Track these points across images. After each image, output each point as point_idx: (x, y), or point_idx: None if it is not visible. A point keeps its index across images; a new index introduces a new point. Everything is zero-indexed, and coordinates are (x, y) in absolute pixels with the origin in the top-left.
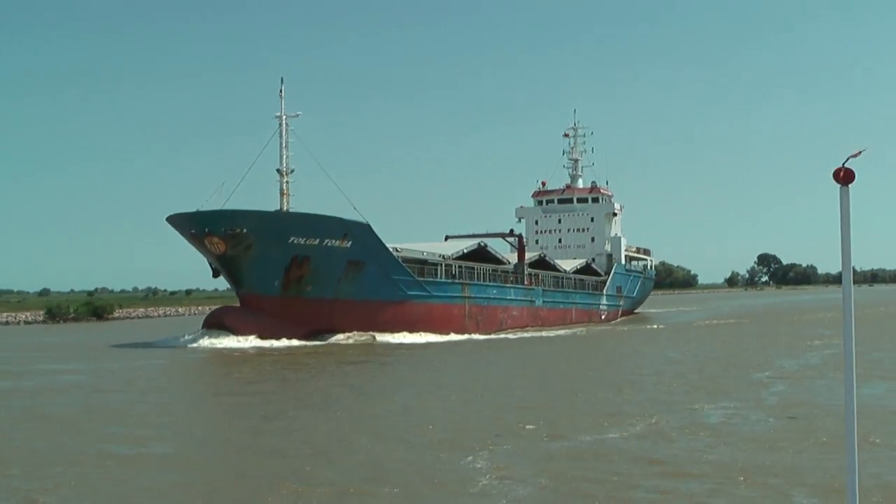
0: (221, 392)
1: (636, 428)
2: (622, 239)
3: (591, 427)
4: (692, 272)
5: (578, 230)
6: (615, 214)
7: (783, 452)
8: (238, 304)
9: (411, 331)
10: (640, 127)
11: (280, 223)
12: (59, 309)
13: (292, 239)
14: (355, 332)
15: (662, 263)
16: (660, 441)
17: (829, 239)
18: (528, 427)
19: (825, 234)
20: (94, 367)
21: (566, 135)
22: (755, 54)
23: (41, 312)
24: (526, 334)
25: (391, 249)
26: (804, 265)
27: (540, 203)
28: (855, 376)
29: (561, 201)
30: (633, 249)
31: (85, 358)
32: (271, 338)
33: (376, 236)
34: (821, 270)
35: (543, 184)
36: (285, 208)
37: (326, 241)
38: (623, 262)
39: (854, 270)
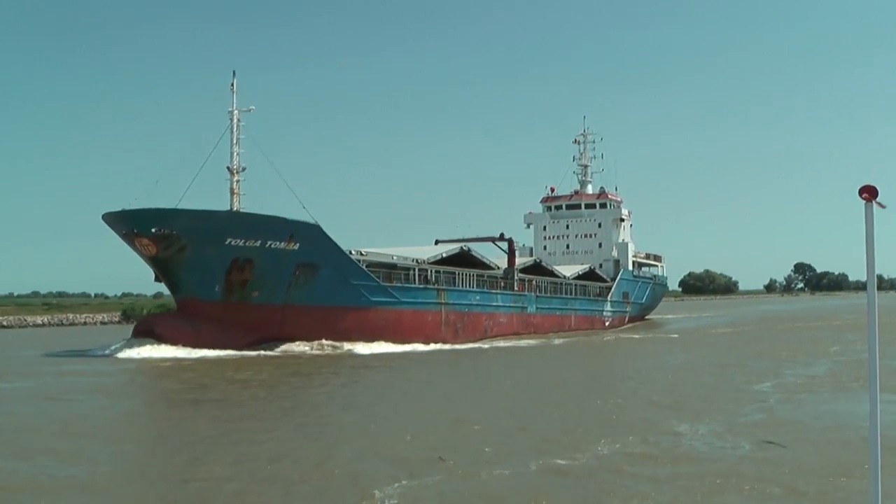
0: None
1: (582, 457)
2: (629, 245)
3: (527, 452)
4: (733, 279)
5: (586, 236)
6: (622, 220)
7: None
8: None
9: (376, 339)
10: (667, 131)
11: (215, 223)
12: None
13: (230, 240)
14: (308, 341)
15: (706, 271)
16: (602, 474)
17: (859, 249)
18: (443, 457)
19: (856, 244)
20: None
21: (576, 141)
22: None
23: None
24: (511, 342)
25: (352, 252)
26: (836, 273)
27: (549, 209)
28: (879, 397)
29: (569, 207)
30: (643, 256)
31: None
32: (211, 347)
33: (328, 238)
34: (851, 278)
35: (552, 190)
36: (235, 208)
37: (270, 242)
38: (630, 267)
39: (880, 277)
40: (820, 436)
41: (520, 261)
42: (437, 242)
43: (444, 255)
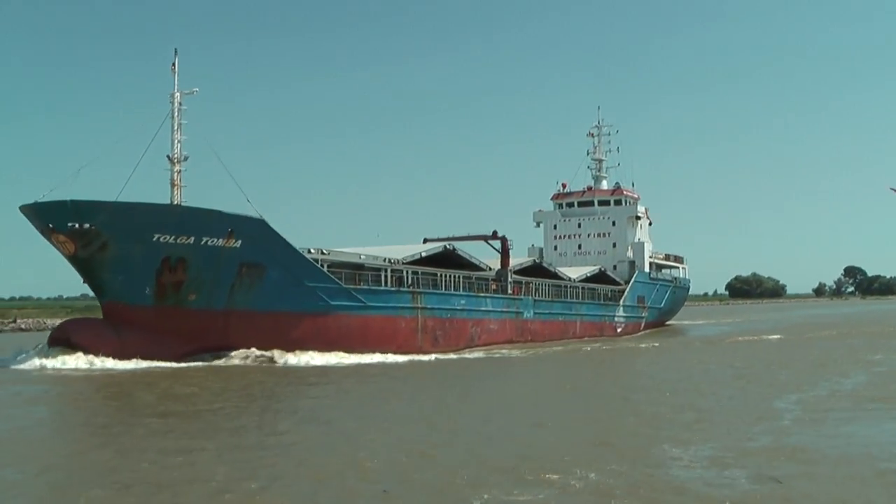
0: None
1: (539, 491)
2: (646, 244)
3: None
4: (781, 282)
5: (599, 235)
6: (638, 218)
7: None
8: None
9: (337, 348)
10: (700, 126)
11: (139, 217)
12: None
13: (157, 237)
14: (254, 351)
15: (754, 275)
16: None
17: None
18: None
19: None
20: None
21: (590, 134)
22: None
23: None
24: (501, 351)
25: (310, 251)
26: (888, 276)
27: (559, 206)
28: None
29: (581, 204)
30: (661, 256)
31: None
32: (140, 357)
33: (276, 234)
34: None
35: (564, 185)
36: (177, 201)
37: (205, 239)
38: (647, 269)
39: None
40: (830, 469)
41: (516, 261)
42: (425, 241)
43: (424, 254)
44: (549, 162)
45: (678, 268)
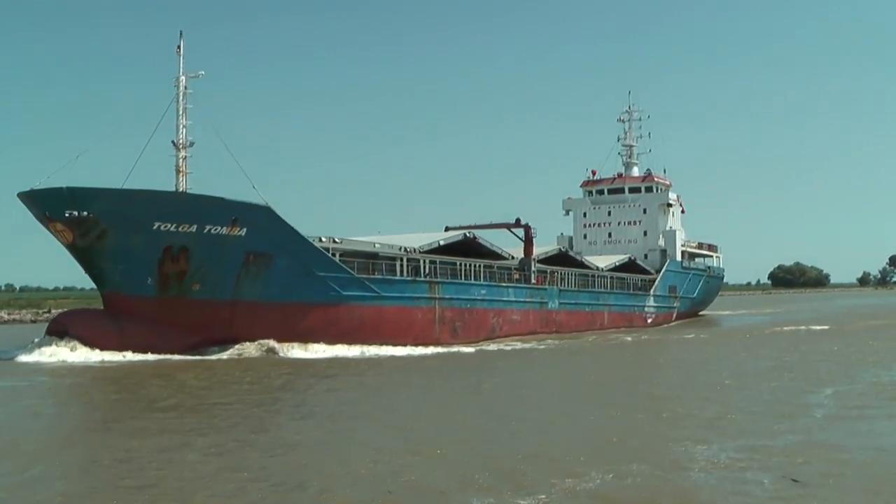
0: None
1: (551, 492)
2: (677, 232)
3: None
4: (824, 272)
5: (629, 223)
6: (670, 205)
7: None
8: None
9: (350, 340)
10: (734, 111)
11: (137, 205)
12: None
13: (157, 225)
14: (261, 343)
15: (797, 264)
16: None
17: None
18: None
19: None
20: None
21: (620, 119)
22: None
23: None
24: (524, 343)
25: (321, 240)
26: None
27: (589, 193)
28: None
29: (611, 191)
30: (694, 245)
31: None
32: (142, 350)
33: (283, 222)
34: None
35: (594, 173)
36: (181, 189)
37: (208, 227)
38: (679, 258)
39: None
40: (856, 471)
41: (541, 250)
42: (447, 230)
43: (442, 243)
44: (578, 149)
45: (712, 256)
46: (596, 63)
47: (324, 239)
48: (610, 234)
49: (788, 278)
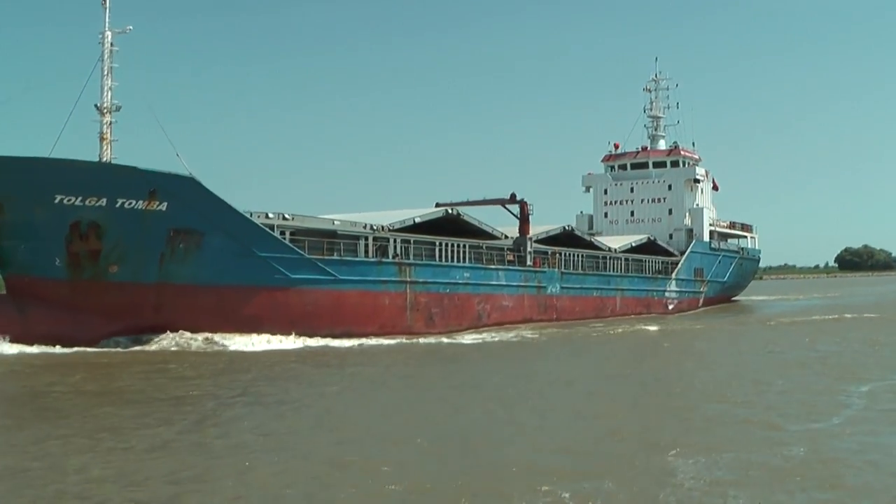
0: None
1: None
2: (705, 211)
3: None
4: (893, 255)
5: (654, 200)
6: (698, 181)
7: None
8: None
9: (303, 329)
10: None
11: (36, 175)
12: None
13: (59, 198)
14: (192, 333)
15: (865, 246)
16: None
17: None
18: None
19: None
20: None
21: (647, 89)
22: None
23: None
24: (516, 332)
25: (264, 216)
26: None
27: (611, 169)
28: None
29: (634, 166)
30: (725, 224)
31: None
32: (51, 340)
33: (212, 195)
34: None
35: (616, 146)
36: (106, 158)
37: (121, 201)
38: (706, 238)
39: None
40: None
41: (542, 229)
42: (437, 206)
43: (418, 220)
44: (599, 124)
45: (746, 237)
46: (620, 27)
47: (271, 215)
48: (632, 213)
49: (856, 261)
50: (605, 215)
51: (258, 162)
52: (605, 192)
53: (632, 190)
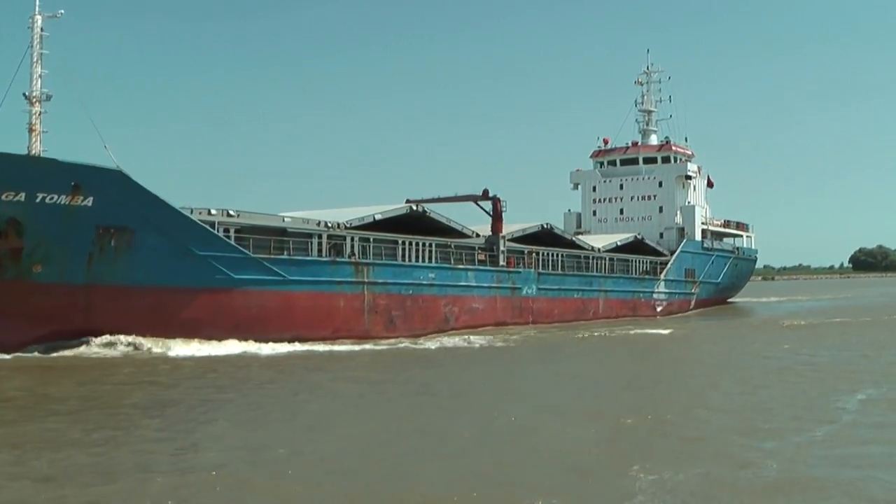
0: None
1: None
2: (697, 209)
3: None
4: None
5: (644, 198)
6: (689, 178)
7: None
8: None
9: (248, 333)
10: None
11: None
12: None
13: None
14: (124, 337)
15: (879, 247)
16: None
17: None
18: None
19: None
20: None
21: (638, 82)
22: None
23: None
24: (477, 338)
25: (206, 213)
26: None
27: (600, 165)
28: None
29: (624, 162)
30: (720, 223)
31: None
32: None
33: (143, 190)
34: None
35: (606, 142)
36: (35, 151)
37: (41, 195)
38: (698, 237)
39: None
40: None
41: (517, 227)
42: (407, 202)
43: (379, 217)
44: (589, 120)
45: (741, 236)
46: (610, 19)
47: (214, 212)
48: (622, 211)
49: (870, 262)
50: (594, 213)
51: (230, 162)
52: (594, 189)
53: (621, 187)
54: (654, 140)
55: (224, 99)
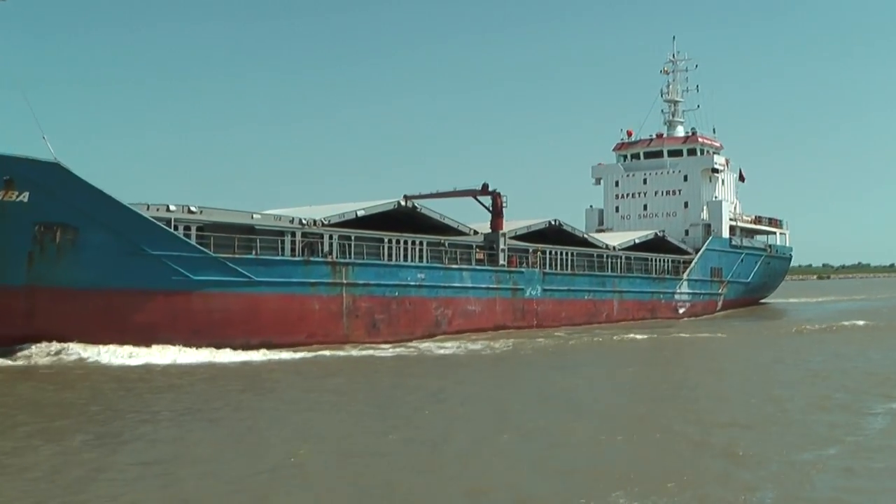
0: None
1: None
2: (725, 203)
3: None
4: None
5: (668, 193)
6: (716, 171)
7: None
8: None
9: (210, 339)
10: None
11: None
12: None
13: None
14: (70, 345)
15: None
16: None
17: None
18: None
19: None
20: None
21: (664, 71)
22: None
23: None
24: (471, 344)
25: (165, 209)
26: None
27: (623, 158)
28: None
29: (648, 155)
30: (750, 219)
31: None
32: None
33: (85, 184)
34: None
35: (629, 134)
36: None
37: None
38: (726, 234)
39: None
40: None
41: (522, 223)
42: (405, 198)
43: (362, 213)
44: (611, 113)
45: (774, 233)
46: (633, 5)
47: (173, 207)
48: (645, 207)
49: None
50: (616, 209)
51: (231, 163)
52: (617, 184)
53: (645, 181)
54: (680, 132)
55: (224, 99)
